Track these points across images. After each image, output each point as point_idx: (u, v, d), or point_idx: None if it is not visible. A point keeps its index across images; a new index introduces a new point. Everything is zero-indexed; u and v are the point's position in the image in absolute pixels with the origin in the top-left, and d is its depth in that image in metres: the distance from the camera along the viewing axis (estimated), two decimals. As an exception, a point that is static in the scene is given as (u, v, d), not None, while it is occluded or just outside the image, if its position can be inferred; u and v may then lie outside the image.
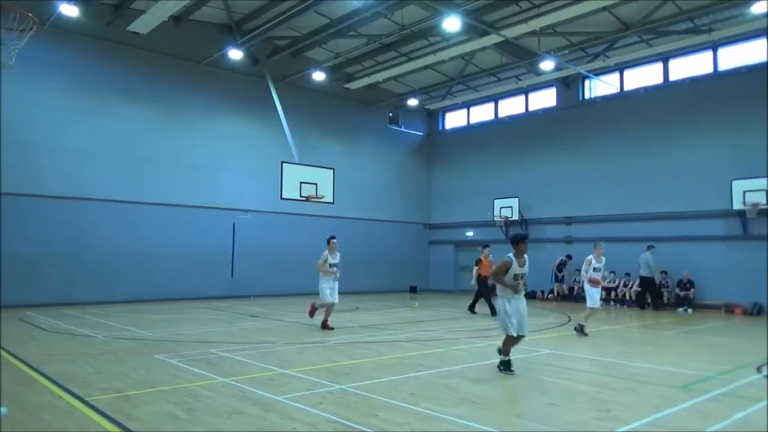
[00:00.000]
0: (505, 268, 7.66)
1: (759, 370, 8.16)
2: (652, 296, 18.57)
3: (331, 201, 18.14)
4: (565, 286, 22.02)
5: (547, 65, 19.91)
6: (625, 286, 19.98)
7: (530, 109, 24.99)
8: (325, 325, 11.92)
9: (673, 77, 20.52)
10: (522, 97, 25.23)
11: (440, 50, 19.99)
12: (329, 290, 11.84)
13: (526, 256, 7.82)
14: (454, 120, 28.37)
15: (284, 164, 17.26)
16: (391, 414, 5.65)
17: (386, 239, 25.81)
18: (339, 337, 10.96)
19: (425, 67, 22.47)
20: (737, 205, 17.56)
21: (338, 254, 11.95)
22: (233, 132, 21.41)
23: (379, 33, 19.67)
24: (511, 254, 7.69)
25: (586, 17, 17.64)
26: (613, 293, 20.15)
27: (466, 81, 24.69)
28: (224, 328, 12.41)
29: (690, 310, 17.83)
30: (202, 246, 20.15)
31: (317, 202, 17.70)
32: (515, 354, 8.50)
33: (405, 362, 8.51)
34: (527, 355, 9.06)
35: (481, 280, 15.68)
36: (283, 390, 6.54)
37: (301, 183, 17.30)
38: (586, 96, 23.15)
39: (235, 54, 19.35)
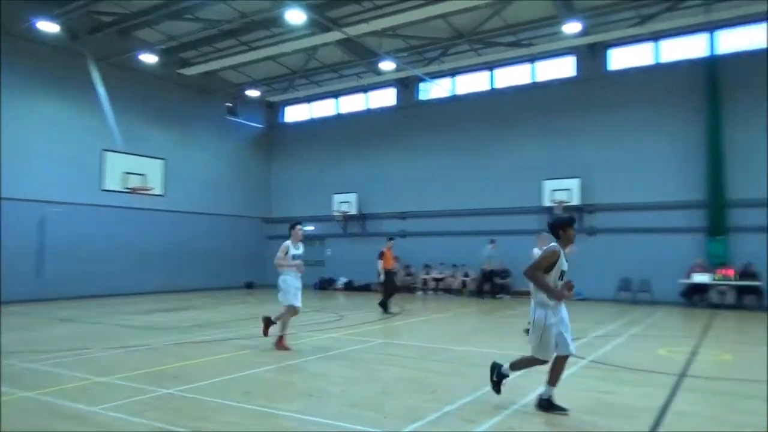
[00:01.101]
0: (552, 261, 5.53)
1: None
2: (492, 286, 20.20)
3: (161, 193, 16.95)
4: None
5: (387, 65, 20.62)
6: (453, 277, 21.51)
7: (370, 107, 25.71)
8: (281, 344, 9.00)
9: (498, 85, 22.50)
10: (362, 95, 25.85)
11: (282, 42, 19.69)
12: (295, 290, 9.13)
13: (574, 247, 6.00)
14: (296, 113, 28.19)
15: (106, 153, 15.73)
16: (223, 415, 5.43)
17: (221, 234, 24.79)
18: (168, 338, 10.28)
19: (267, 59, 21.99)
20: (546, 202, 19.78)
21: (301, 245, 9.41)
22: (44, 114, 18.85)
23: (218, 19, 18.81)
24: (556, 246, 5.63)
25: (424, 23, 18.54)
26: (441, 283, 21.59)
27: (309, 75, 24.65)
28: (27, 336, 10.84)
29: (506, 297, 19.75)
30: None
31: (144, 194, 16.43)
32: (352, 345, 8.71)
33: (240, 360, 8.25)
34: (362, 345, 9.31)
35: (386, 273, 15.11)
36: (100, 400, 5.95)
37: (126, 173, 15.93)
38: (422, 98, 24.43)
39: (48, 26, 17.09)
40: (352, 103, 26.27)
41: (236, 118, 26.47)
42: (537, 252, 10.42)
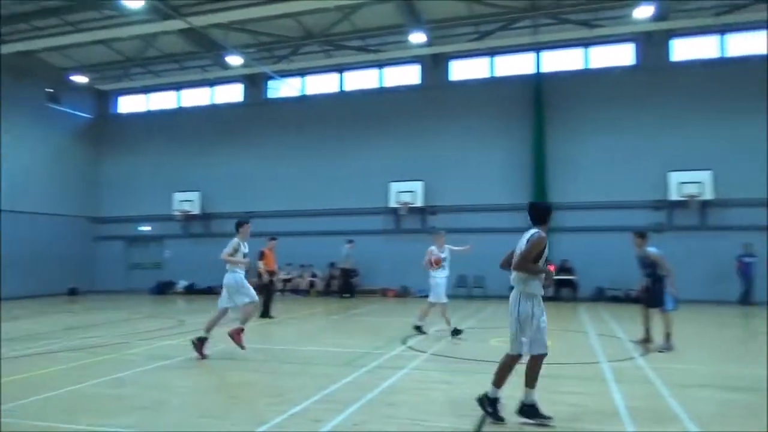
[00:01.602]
0: (540, 249, 5.34)
1: (403, 342, 9.65)
2: (348, 285, 20.32)
3: (-35, 187, 14.61)
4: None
5: (234, 60, 19.90)
6: (300, 277, 21.39)
7: (216, 102, 24.63)
8: (239, 338, 8.40)
9: (347, 88, 22.83)
10: (207, 89, 24.67)
11: (116, 27, 18.07)
12: (248, 286, 8.66)
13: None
14: (131, 104, 26.03)
15: None
16: (38, 437, 4.80)
17: (38, 235, 22.01)
18: (-29, 354, 8.87)
19: (97, 42, 20.04)
20: (392, 204, 20.52)
21: (246, 243, 8.98)
22: None
23: (37, -8, 16.72)
24: (540, 232, 5.42)
25: (274, 20, 18.20)
26: (288, 284, 21.36)
27: (147, 64, 22.92)
28: None
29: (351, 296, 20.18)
30: None
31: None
32: (194, 351, 8.25)
33: (63, 375, 7.37)
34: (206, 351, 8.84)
35: (268, 274, 14.10)
36: None
37: None
38: (271, 96, 23.97)
39: None
40: (195, 97, 24.94)
41: (59, 106, 23.73)
42: (435, 250, 10.65)
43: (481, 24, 19.04)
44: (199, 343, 8.35)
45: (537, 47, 20.03)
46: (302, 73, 23.00)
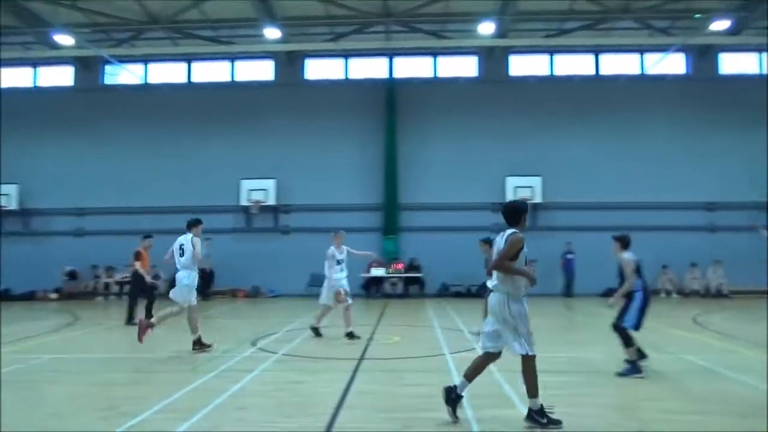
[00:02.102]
0: (518, 248, 5.14)
1: (253, 343, 9.36)
2: (205, 286, 19.14)
3: None
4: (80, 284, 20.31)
5: (63, 39, 17.86)
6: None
7: (41, 84, 21.97)
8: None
9: (196, 79, 21.65)
10: (31, 69, 21.91)
11: None
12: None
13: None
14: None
15: None
16: None
17: None
18: None
19: None
20: (243, 202, 19.88)
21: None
22: None
23: None
24: (517, 232, 5.21)
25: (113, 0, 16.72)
26: (127, 286, 19.68)
27: (-47, 35, 19.72)
28: None
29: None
30: None
31: None
32: (10, 364, 7.25)
33: None
34: (23, 365, 7.79)
35: (139, 277, 12.64)
36: None
37: None
38: (109, 82, 21.95)
39: None
40: (16, 77, 22.01)
41: None
42: (333, 251, 10.13)
43: (336, 25, 19.21)
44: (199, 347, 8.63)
45: (390, 52, 20.68)
46: (145, 60, 21.41)
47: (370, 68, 21.37)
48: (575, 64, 21.02)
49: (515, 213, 5.36)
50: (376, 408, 5.64)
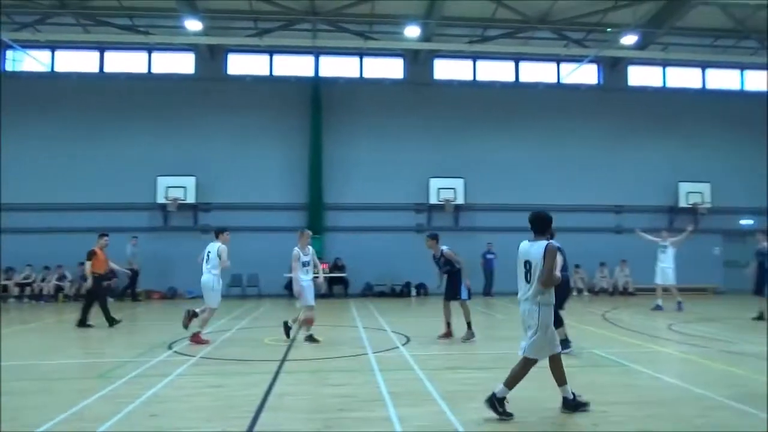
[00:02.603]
0: (555, 259, 5.30)
1: (169, 347, 8.97)
2: (133, 287, 18.13)
3: None
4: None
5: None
6: (43, 280, 18.57)
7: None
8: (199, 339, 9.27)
9: (110, 69, 20.51)
10: None
11: None
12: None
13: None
14: None
15: None
16: None
17: None
18: None
19: None
20: (160, 199, 19.05)
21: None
22: None
23: None
24: (552, 242, 5.40)
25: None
26: (29, 288, 18.39)
27: None
28: None
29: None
30: None
31: None
32: None
33: None
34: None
35: (96, 279, 11.82)
36: None
37: None
38: (9, 68, 20.36)
39: None
40: None
41: None
42: (298, 252, 9.53)
43: (260, 21, 18.81)
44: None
45: (316, 51, 20.50)
46: (52, 46, 20.02)
47: (295, 66, 21.09)
48: (497, 71, 21.73)
49: (544, 222, 5.51)
50: (298, 409, 5.55)
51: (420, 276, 19.84)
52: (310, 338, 9.51)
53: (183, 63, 20.71)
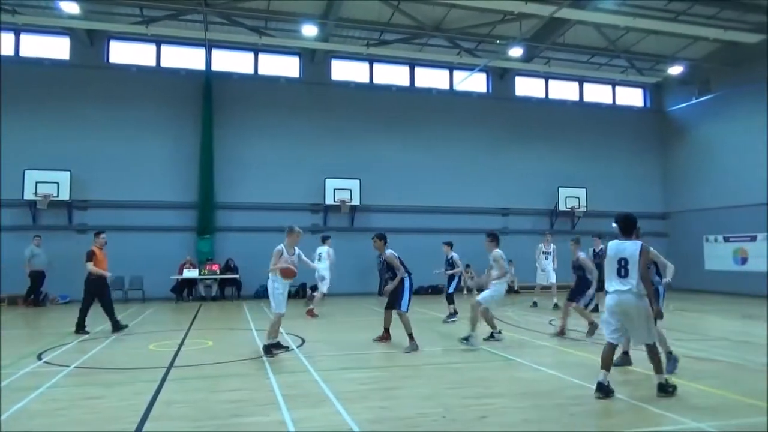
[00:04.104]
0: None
1: (39, 357, 8.19)
2: (36, 291, 16.38)
3: None
4: None
5: None
6: None
7: None
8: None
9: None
10: None
11: None
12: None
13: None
14: None
15: None
16: None
17: None
18: None
19: None
20: (29, 195, 17.37)
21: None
22: None
23: None
24: (642, 243, 6.05)
25: None
26: None
27: None
28: None
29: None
30: None
31: None
32: None
33: None
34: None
35: (91, 281, 10.77)
36: None
37: None
38: None
39: None
40: None
41: None
42: (281, 249, 8.75)
43: (147, 8, 17.74)
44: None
45: (208, 44, 19.69)
46: None
47: (185, 58, 20.11)
48: (393, 74, 22.11)
49: (631, 224, 6.22)
50: (186, 417, 5.28)
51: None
52: (278, 345, 8.46)
53: (58, 48, 18.99)
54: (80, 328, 10.75)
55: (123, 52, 19.62)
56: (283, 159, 20.14)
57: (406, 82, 22.26)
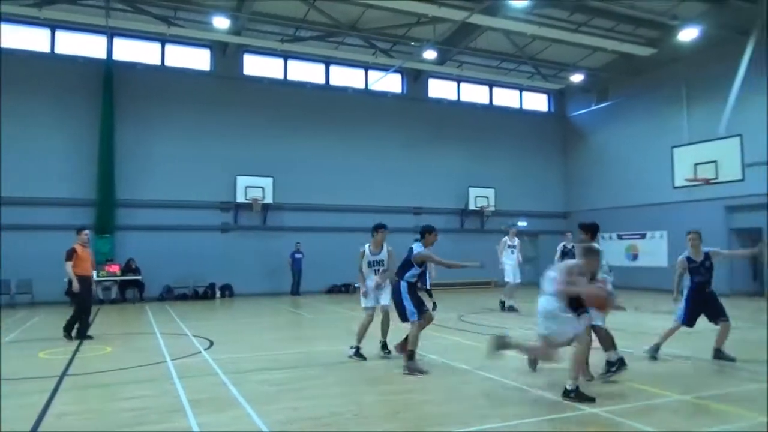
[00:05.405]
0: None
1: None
2: None
3: None
4: None
5: None
6: None
7: None
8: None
9: None
10: None
11: None
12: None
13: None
14: None
15: None
16: None
17: None
18: None
19: None
20: None
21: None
22: None
23: None
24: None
25: None
26: None
27: None
28: None
29: None
30: None
31: None
32: None
33: None
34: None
35: (80, 281, 9.87)
36: None
37: None
38: None
39: None
40: None
41: None
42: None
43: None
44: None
45: (110, 32, 18.50)
46: None
47: (84, 46, 18.78)
48: (308, 72, 21.86)
49: (593, 229, 7.12)
50: (80, 429, 4.90)
51: (226, 276, 19.13)
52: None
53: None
54: (69, 332, 9.89)
55: (12, 36, 18.00)
56: (192, 155, 19.34)
57: (321, 80, 22.09)
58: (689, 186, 16.48)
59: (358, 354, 7.86)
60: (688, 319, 7.71)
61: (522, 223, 23.37)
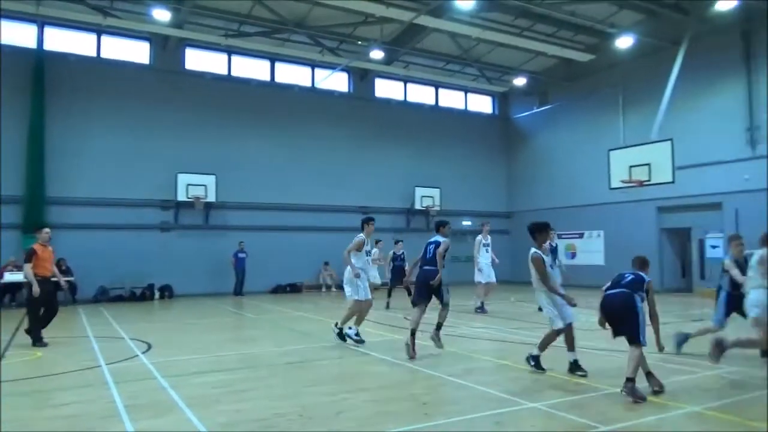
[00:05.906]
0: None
1: None
2: None
3: None
4: None
5: None
6: None
7: None
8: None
9: None
10: None
11: None
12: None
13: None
14: None
15: None
16: None
17: None
18: None
19: None
20: None
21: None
22: None
23: None
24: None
25: None
26: None
27: None
28: None
29: None
30: None
31: None
32: None
33: None
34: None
35: (43, 283, 9.39)
36: None
37: None
38: None
39: None
40: None
41: None
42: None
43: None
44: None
45: (41, 20, 17.56)
46: None
47: (12, 34, 17.73)
48: (253, 68, 21.46)
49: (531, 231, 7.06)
50: (4, 439, 4.62)
51: (165, 277, 18.53)
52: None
53: None
54: (34, 335, 9.35)
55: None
56: (130, 151, 18.64)
57: (266, 77, 21.75)
58: (624, 187, 17.18)
59: (356, 336, 8.68)
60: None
61: (467, 223, 23.77)
